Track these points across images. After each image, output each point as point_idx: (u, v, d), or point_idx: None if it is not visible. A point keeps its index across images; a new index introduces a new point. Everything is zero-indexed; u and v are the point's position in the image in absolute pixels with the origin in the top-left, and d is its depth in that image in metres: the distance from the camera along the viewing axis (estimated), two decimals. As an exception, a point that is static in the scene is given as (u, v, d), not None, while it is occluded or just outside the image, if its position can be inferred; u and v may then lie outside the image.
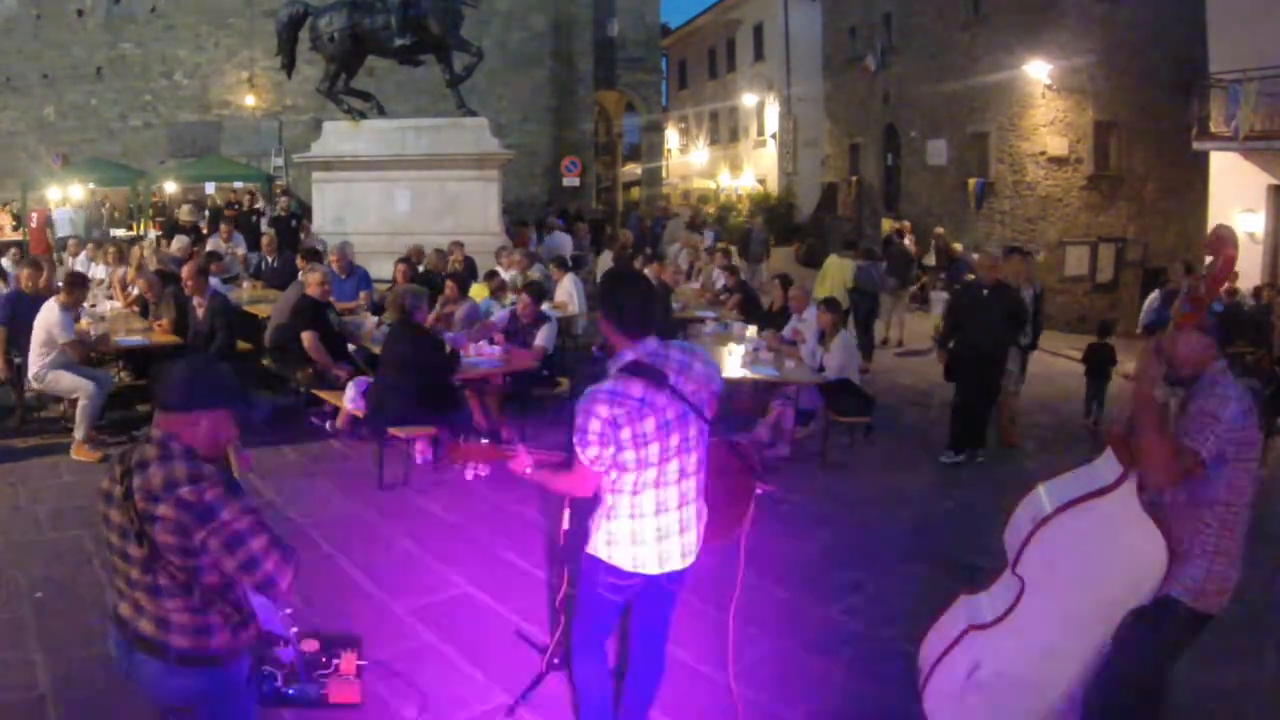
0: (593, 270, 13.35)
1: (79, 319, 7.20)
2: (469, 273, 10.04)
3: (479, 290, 9.25)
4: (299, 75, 14.61)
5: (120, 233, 18.45)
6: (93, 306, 8.51)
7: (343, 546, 5.28)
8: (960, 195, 18.97)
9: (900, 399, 9.77)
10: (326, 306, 7.42)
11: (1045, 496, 3.20)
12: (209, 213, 18.88)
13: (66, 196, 18.98)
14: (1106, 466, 3.13)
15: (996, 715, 3.25)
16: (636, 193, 30.26)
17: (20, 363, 7.02)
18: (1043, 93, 16.96)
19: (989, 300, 7.28)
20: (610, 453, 2.81)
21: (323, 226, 12.36)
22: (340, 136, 12.57)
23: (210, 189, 20.35)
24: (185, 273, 7.65)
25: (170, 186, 20.81)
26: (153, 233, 17.82)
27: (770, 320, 8.63)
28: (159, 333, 7.68)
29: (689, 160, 35.45)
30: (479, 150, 12.33)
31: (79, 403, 6.71)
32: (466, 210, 12.19)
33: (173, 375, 2.40)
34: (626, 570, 2.95)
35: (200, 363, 2.50)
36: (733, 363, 7.19)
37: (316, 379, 7.17)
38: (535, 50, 22.64)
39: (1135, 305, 13.60)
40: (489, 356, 7.12)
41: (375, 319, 8.06)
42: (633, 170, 31.33)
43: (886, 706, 3.87)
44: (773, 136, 29.04)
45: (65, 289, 6.89)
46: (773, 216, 23.12)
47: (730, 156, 32.48)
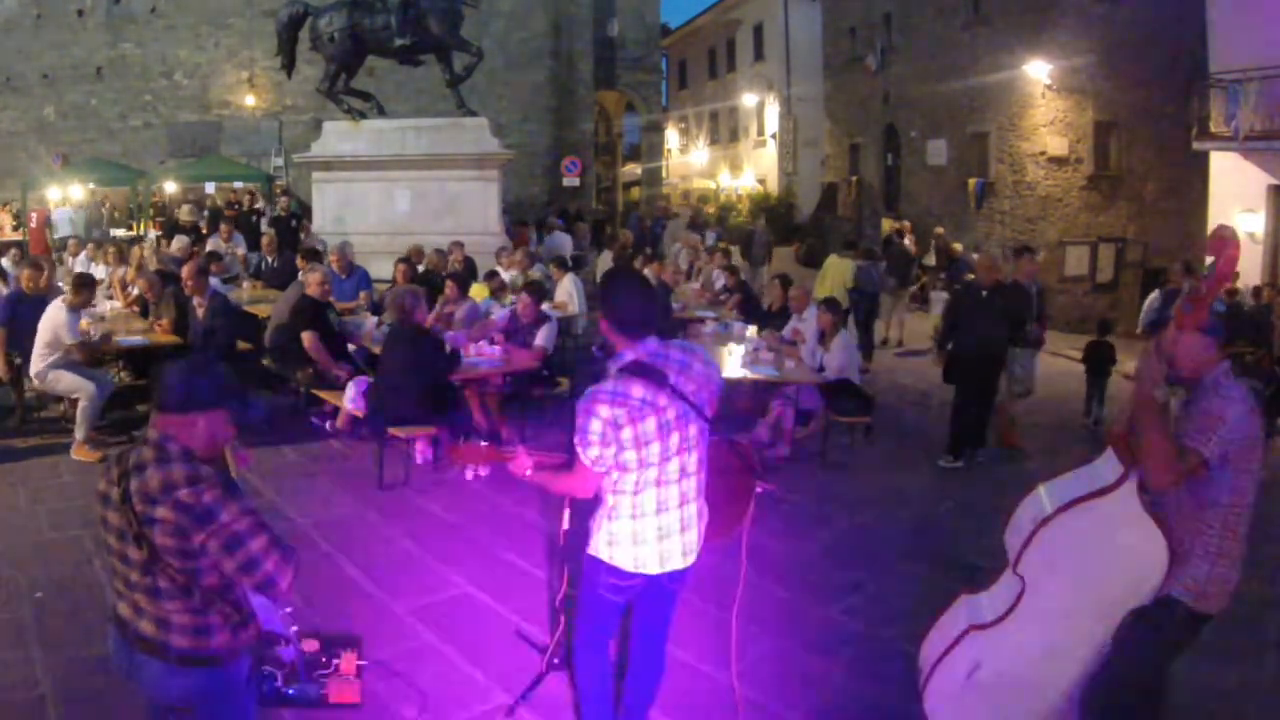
0: (593, 270, 13.35)
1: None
2: (469, 273, 10.03)
3: (479, 290, 9.25)
4: (299, 75, 14.60)
5: (120, 233, 18.44)
6: (93, 306, 8.49)
7: (343, 546, 5.28)
8: (960, 195, 18.96)
9: (900, 399, 9.77)
10: (326, 306, 7.42)
11: (1046, 496, 3.20)
12: (209, 213, 18.88)
13: (66, 196, 18.99)
14: (1107, 466, 3.13)
15: (997, 715, 3.26)
16: (636, 193, 30.26)
17: (20, 363, 7.02)
18: (1043, 93, 16.96)
19: (988, 301, 7.28)
20: (611, 453, 2.81)
21: (323, 226, 12.36)
22: (340, 136, 12.57)
23: (210, 189, 20.35)
24: (185, 273, 7.64)
25: (170, 186, 20.81)
26: (153, 233, 17.82)
27: (770, 320, 8.63)
28: (159, 333, 7.68)
29: (689, 160, 35.45)
30: (479, 150, 12.33)
31: (79, 403, 6.71)
32: (466, 210, 12.18)
33: (169, 376, 2.38)
34: (628, 570, 2.95)
35: (197, 363, 2.48)
36: (733, 363, 7.18)
37: (316, 379, 7.17)
38: (535, 50, 22.65)
39: (1135, 305, 13.59)
40: (489, 356, 7.12)
41: (375, 319, 8.06)
42: (633, 170, 31.33)
43: (886, 706, 3.87)
44: (773, 136, 29.05)
45: (73, 290, 6.88)
46: (773, 217, 23.09)
47: (730, 156, 32.48)
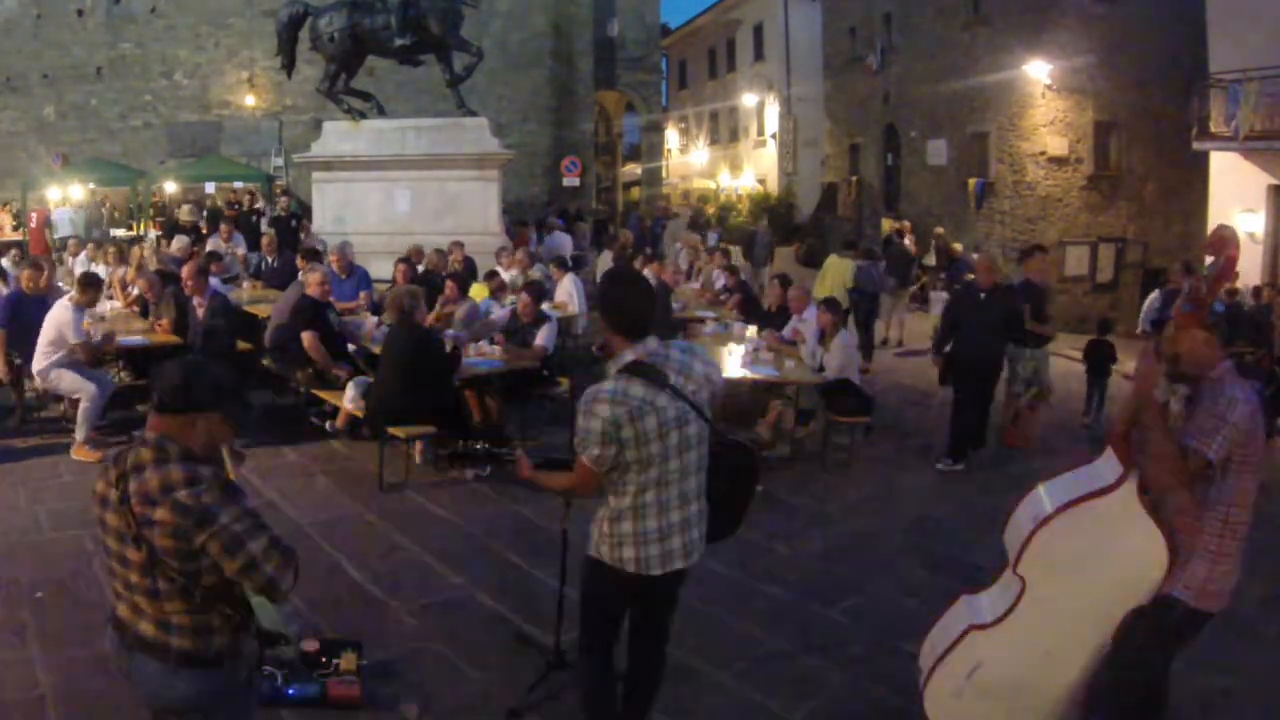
0: (593, 270, 13.34)
1: (80, 319, 7.18)
2: (469, 273, 10.03)
3: (479, 290, 9.24)
4: (299, 75, 14.60)
5: (120, 233, 18.41)
6: (93, 307, 8.48)
7: (343, 546, 5.28)
8: (960, 195, 18.94)
9: (900, 399, 9.77)
10: (326, 306, 7.42)
11: (1046, 496, 3.20)
12: (209, 213, 18.87)
13: (66, 196, 18.96)
14: (1107, 466, 3.13)
15: (996, 715, 3.26)
16: (636, 193, 30.24)
17: (20, 363, 7.02)
18: (1043, 93, 16.94)
19: (987, 303, 7.28)
20: (612, 453, 2.81)
21: (323, 226, 12.35)
22: (340, 136, 12.56)
23: (210, 189, 20.32)
24: (185, 273, 7.64)
25: (170, 186, 20.80)
26: (153, 233, 17.81)
27: (770, 320, 8.63)
28: (159, 333, 7.67)
29: (689, 160, 35.43)
30: (479, 150, 12.32)
31: (80, 404, 6.71)
32: (466, 210, 12.17)
33: (168, 376, 2.36)
34: (629, 571, 2.95)
35: (196, 363, 2.46)
36: (733, 363, 7.18)
37: (316, 379, 7.17)
38: (535, 50, 22.64)
39: (1135, 305, 13.60)
40: (489, 356, 7.12)
41: (375, 319, 8.06)
42: (633, 170, 31.30)
43: (886, 706, 3.88)
44: (773, 136, 29.03)
45: (79, 289, 6.87)
46: (773, 217, 23.09)
47: (730, 156, 32.46)
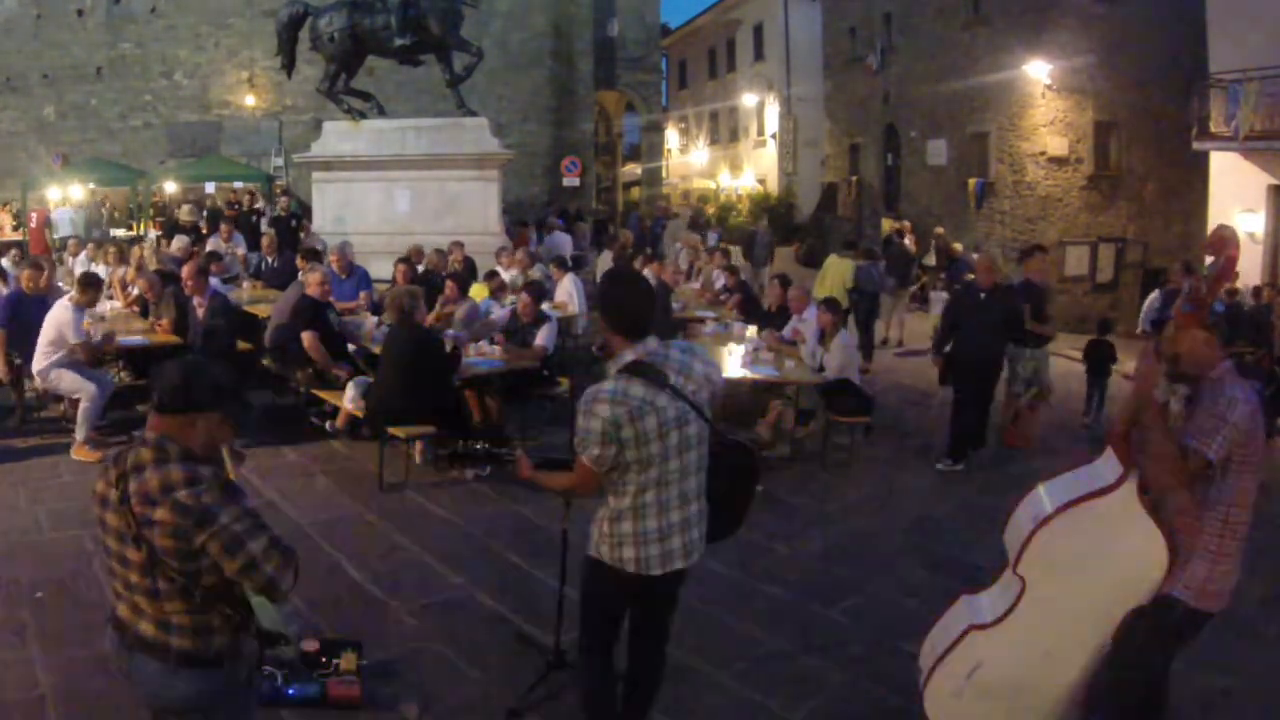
0: (593, 270, 13.34)
1: (80, 319, 7.18)
2: (469, 273, 10.03)
3: (479, 290, 9.24)
4: (299, 75, 14.60)
5: (120, 233, 18.41)
6: (93, 307, 8.48)
7: (343, 546, 5.28)
8: (960, 195, 18.94)
9: (900, 399, 9.77)
10: (326, 306, 7.42)
11: (1046, 496, 3.20)
12: (209, 213, 18.86)
13: (66, 196, 18.96)
14: (1107, 466, 3.13)
15: (996, 715, 3.26)
16: (636, 193, 30.23)
17: (20, 363, 7.02)
18: (1043, 93, 16.94)
19: (987, 303, 7.27)
20: (612, 453, 2.81)
21: (323, 226, 12.35)
22: (340, 136, 12.56)
23: (210, 189, 20.32)
24: (185, 273, 7.64)
25: (170, 186, 20.79)
26: (153, 233, 17.80)
27: (770, 320, 8.63)
28: (159, 333, 7.67)
29: (689, 160, 35.43)
30: (479, 150, 12.32)
31: (80, 404, 6.71)
32: (466, 210, 12.17)
33: (168, 376, 2.36)
34: (629, 571, 2.95)
35: (196, 363, 2.46)
36: (733, 363, 7.18)
37: (316, 379, 7.17)
38: (535, 50, 22.64)
39: (1135, 305, 13.60)
40: (489, 356, 7.12)
41: (375, 319, 8.06)
42: (633, 170, 31.30)
43: (886, 706, 3.88)
44: (773, 136, 29.03)
45: (80, 289, 6.87)
46: (773, 217, 23.09)
47: (730, 156, 32.46)
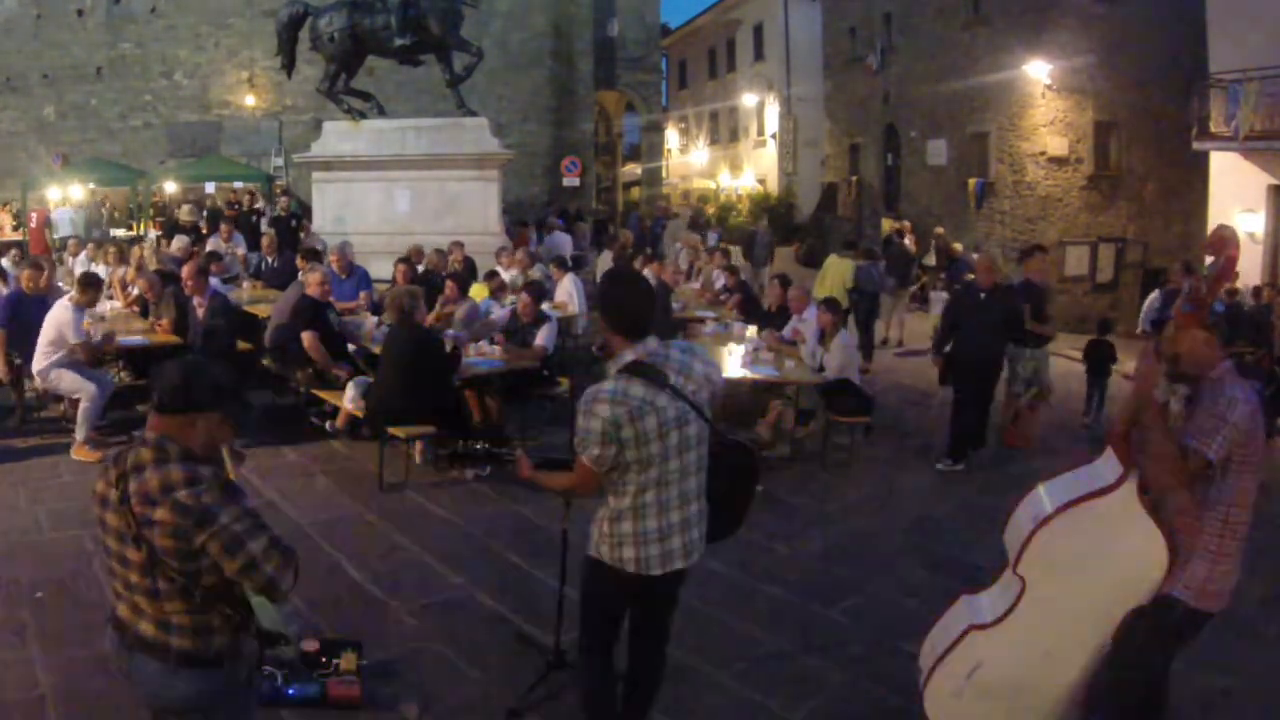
0: (593, 270, 13.34)
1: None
2: (469, 273, 10.03)
3: (479, 290, 9.24)
4: (299, 75, 14.59)
5: (120, 233, 18.41)
6: (93, 307, 8.48)
7: (343, 546, 5.28)
8: (960, 195, 18.94)
9: (900, 399, 9.77)
10: (326, 306, 7.42)
11: (1046, 496, 3.20)
12: (209, 213, 18.86)
13: (66, 196, 18.96)
14: (1106, 466, 3.13)
15: (996, 715, 3.25)
16: (636, 193, 30.23)
17: (20, 363, 7.02)
18: (1043, 93, 16.94)
19: (986, 303, 7.28)
20: (612, 453, 2.81)
21: (323, 226, 12.35)
22: (340, 136, 12.56)
23: (210, 189, 20.32)
24: (185, 273, 7.64)
25: (170, 186, 20.79)
26: (153, 233, 17.80)
27: (770, 320, 8.63)
28: (159, 333, 7.67)
29: (689, 160, 35.42)
30: (479, 150, 12.32)
31: (80, 404, 6.71)
32: (466, 210, 12.17)
33: (168, 376, 2.36)
34: (629, 571, 2.95)
35: (196, 363, 2.46)
36: (733, 363, 7.18)
37: (316, 379, 7.17)
38: (535, 50, 22.64)
39: (1135, 305, 13.59)
40: (489, 356, 7.12)
41: (375, 319, 8.06)
42: (633, 170, 31.30)
43: (886, 706, 3.88)
44: (773, 136, 29.03)
45: (80, 289, 6.86)
46: (773, 217, 23.11)
47: (730, 156, 32.46)
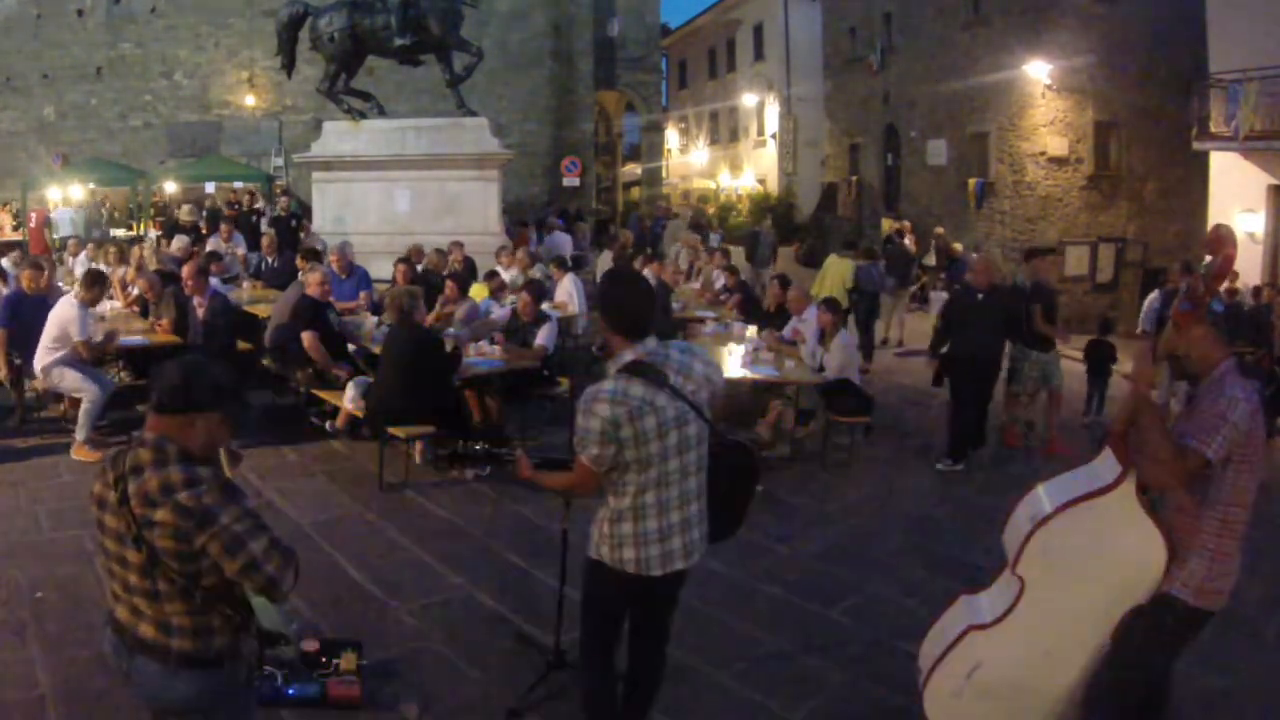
0: (593, 270, 13.34)
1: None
2: (469, 273, 10.03)
3: (479, 290, 9.25)
4: (299, 75, 14.61)
5: (120, 233, 18.41)
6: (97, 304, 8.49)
7: (343, 546, 5.28)
8: (960, 195, 18.94)
9: (900, 399, 9.77)
10: (326, 306, 7.42)
11: (1045, 496, 3.20)
12: (209, 213, 18.86)
13: (66, 196, 18.97)
14: (1106, 466, 3.13)
15: (996, 715, 3.26)
16: (636, 193, 30.23)
17: (20, 363, 7.01)
18: (1043, 93, 16.94)
19: (985, 303, 7.28)
20: (611, 452, 2.81)
21: (323, 226, 12.36)
22: (340, 136, 12.57)
23: (210, 189, 20.32)
24: (185, 273, 7.64)
25: (170, 186, 20.79)
26: (153, 233, 17.80)
27: (770, 320, 8.64)
28: (159, 333, 7.67)
29: (689, 160, 35.42)
30: (479, 150, 12.33)
31: (82, 404, 6.71)
32: (466, 210, 12.19)
33: (167, 376, 2.35)
34: (630, 572, 2.94)
35: (195, 363, 2.45)
36: (733, 363, 7.18)
37: (316, 379, 7.17)
38: (535, 50, 22.64)
39: (1135, 305, 13.58)
40: (489, 356, 7.12)
41: (375, 319, 8.06)
42: (633, 170, 31.30)
43: (886, 706, 3.88)
44: (773, 136, 29.02)
45: (84, 287, 6.85)
46: (773, 217, 23.12)
47: (730, 156, 32.46)
